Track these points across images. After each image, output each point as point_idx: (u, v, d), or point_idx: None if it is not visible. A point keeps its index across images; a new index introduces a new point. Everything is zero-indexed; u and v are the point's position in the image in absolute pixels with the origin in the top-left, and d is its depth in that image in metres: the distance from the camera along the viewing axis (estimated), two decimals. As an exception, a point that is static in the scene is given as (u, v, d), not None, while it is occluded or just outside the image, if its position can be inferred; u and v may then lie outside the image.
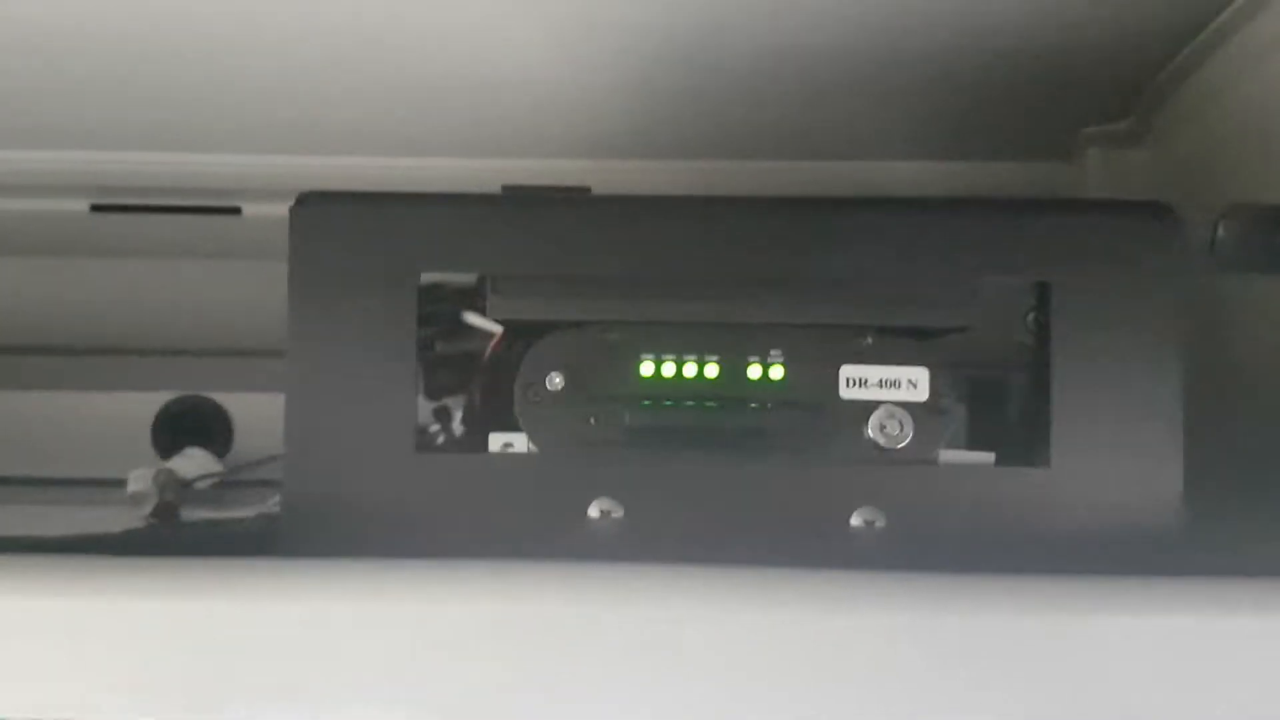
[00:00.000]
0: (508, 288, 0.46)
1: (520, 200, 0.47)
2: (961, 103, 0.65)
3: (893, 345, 0.45)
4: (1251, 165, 0.58)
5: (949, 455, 0.44)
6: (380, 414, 0.45)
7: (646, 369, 0.45)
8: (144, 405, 0.77)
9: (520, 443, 0.46)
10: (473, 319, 0.49)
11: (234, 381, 0.77)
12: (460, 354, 0.51)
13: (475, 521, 0.45)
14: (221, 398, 0.78)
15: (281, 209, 0.67)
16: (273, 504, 0.60)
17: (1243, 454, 0.56)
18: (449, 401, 0.56)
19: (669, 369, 0.45)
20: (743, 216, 0.46)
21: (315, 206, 0.46)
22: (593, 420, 0.45)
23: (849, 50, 0.59)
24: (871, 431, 0.44)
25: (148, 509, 0.69)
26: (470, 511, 0.45)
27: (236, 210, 0.73)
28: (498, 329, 0.48)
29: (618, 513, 0.44)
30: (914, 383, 0.44)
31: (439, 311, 0.49)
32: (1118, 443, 0.43)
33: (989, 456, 0.44)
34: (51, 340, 0.79)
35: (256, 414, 0.75)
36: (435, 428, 0.58)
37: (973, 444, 0.45)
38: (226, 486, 0.73)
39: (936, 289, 0.45)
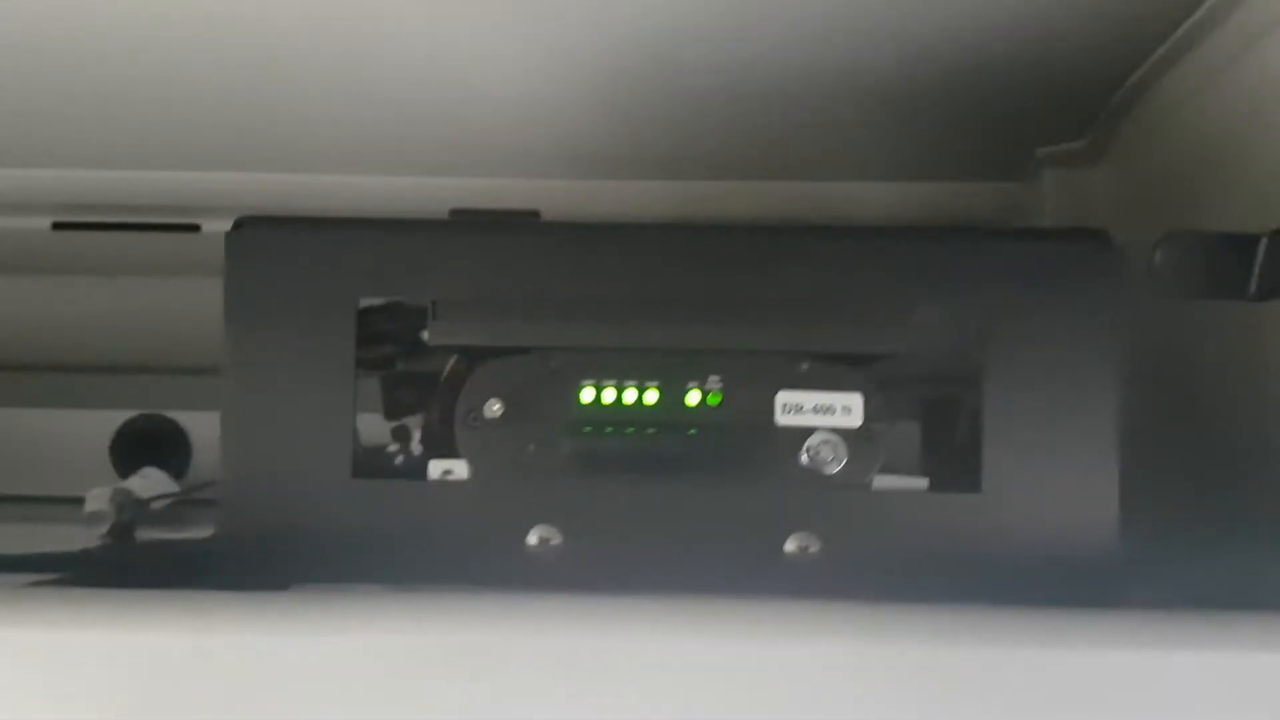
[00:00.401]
0: (448, 313, 0.46)
1: (460, 225, 0.48)
2: (917, 124, 0.65)
3: (829, 371, 0.45)
4: (1206, 184, 0.58)
5: (882, 480, 0.44)
6: (318, 440, 0.45)
7: (586, 395, 0.45)
8: (103, 423, 0.77)
9: (462, 469, 0.46)
10: (396, 342, 0.49)
11: (192, 400, 0.76)
12: (421, 373, 0.51)
13: (413, 549, 0.45)
14: (180, 416, 0.78)
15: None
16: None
17: (1185, 485, 0.56)
18: (409, 421, 0.56)
19: (609, 395, 0.45)
20: (683, 243, 0.46)
21: (253, 231, 0.45)
22: (532, 447, 0.45)
23: (804, 73, 0.59)
24: (806, 457, 0.44)
25: (104, 528, 0.69)
26: (409, 538, 0.45)
27: (196, 228, 0.73)
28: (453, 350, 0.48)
29: (556, 540, 0.44)
30: (848, 408, 0.44)
31: (400, 329, 0.49)
32: (1050, 470, 0.43)
33: (921, 482, 0.44)
34: (11, 358, 0.79)
35: (215, 433, 0.75)
36: (394, 448, 0.58)
37: (912, 469, 0.45)
38: (183, 506, 0.73)
39: (871, 315, 0.45)
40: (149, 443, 0.77)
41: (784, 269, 0.45)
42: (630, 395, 0.45)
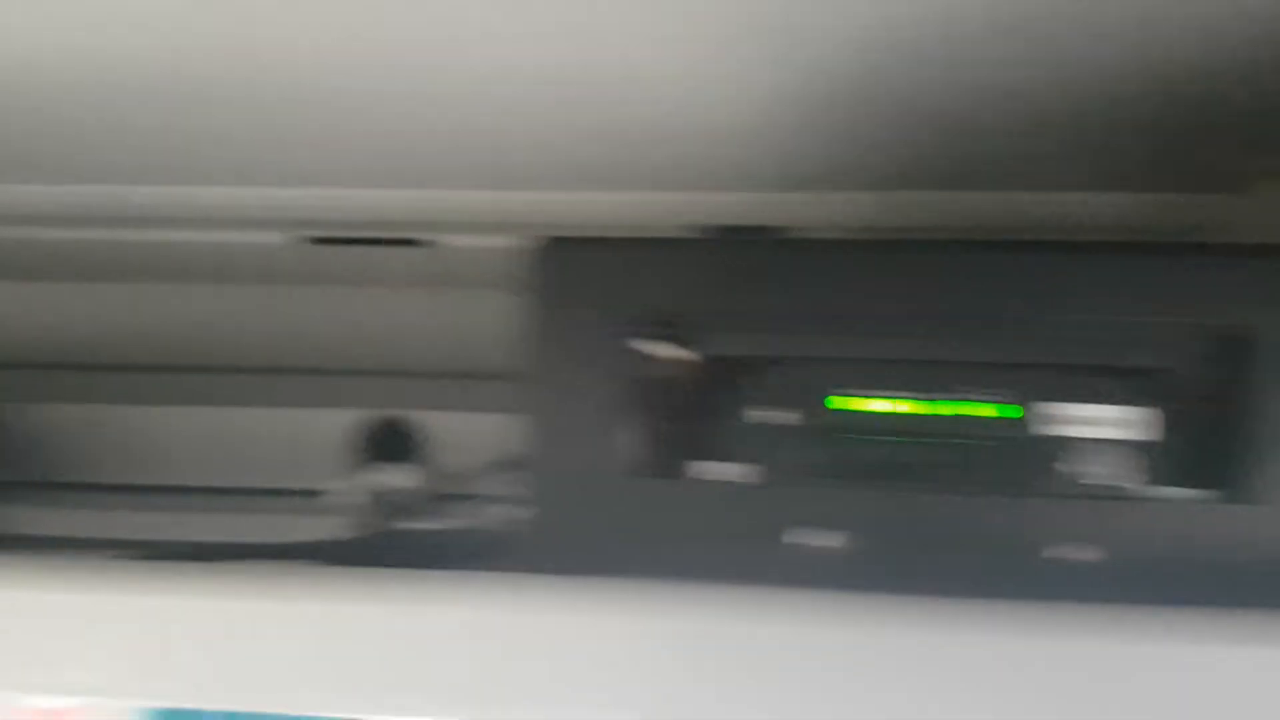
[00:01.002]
0: (716, 324, 0.50)
1: (733, 243, 0.51)
2: (1132, 136, 0.66)
3: (1098, 382, 0.46)
4: None
5: (1154, 490, 0.46)
6: (603, 441, 0.48)
7: (846, 403, 0.48)
8: (348, 421, 0.83)
9: (726, 472, 0.49)
10: (669, 350, 0.52)
11: (429, 401, 0.81)
12: (658, 380, 0.54)
13: (684, 545, 0.48)
14: (418, 416, 0.82)
15: (474, 241, 0.72)
16: (482, 516, 0.65)
17: None
18: (649, 426, 0.59)
19: (871, 404, 0.48)
20: (936, 258, 0.48)
21: (558, 249, 0.49)
22: (798, 452, 0.48)
23: (1026, 87, 0.60)
24: (1076, 467, 0.46)
25: (353, 519, 0.74)
26: (679, 535, 0.48)
27: (433, 244, 0.77)
28: (697, 359, 0.51)
29: (822, 541, 0.47)
30: (1118, 420, 0.46)
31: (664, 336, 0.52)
32: None
33: (1195, 493, 0.45)
34: (268, 361, 0.84)
35: (450, 432, 0.80)
36: (640, 450, 0.61)
37: (1181, 479, 0.46)
38: (423, 499, 0.78)
39: (1133, 329, 0.46)
40: (390, 440, 0.82)
41: (1049, 285, 0.46)
42: (892, 405, 0.48)
